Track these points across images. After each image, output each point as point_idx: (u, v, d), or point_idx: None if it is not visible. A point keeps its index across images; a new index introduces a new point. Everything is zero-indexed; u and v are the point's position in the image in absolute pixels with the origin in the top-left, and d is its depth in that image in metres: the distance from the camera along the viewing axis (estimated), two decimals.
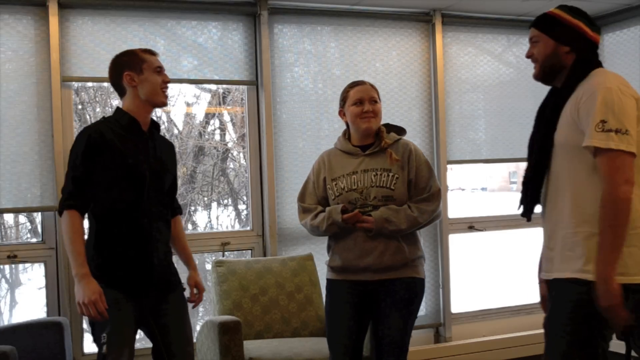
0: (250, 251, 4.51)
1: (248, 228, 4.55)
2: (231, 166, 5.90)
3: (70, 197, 2.66)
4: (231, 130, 5.75)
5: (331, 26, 4.69)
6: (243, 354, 3.48)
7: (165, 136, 3.11)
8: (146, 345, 2.96)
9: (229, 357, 3.43)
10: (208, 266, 5.22)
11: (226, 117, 5.75)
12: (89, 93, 5.02)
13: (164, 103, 2.86)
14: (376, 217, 2.96)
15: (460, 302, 5.03)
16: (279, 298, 4.02)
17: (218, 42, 4.41)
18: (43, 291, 4.07)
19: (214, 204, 5.81)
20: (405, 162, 3.02)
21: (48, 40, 3.96)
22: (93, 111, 5.17)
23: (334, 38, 4.71)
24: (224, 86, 5.12)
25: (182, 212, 3.15)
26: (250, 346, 3.64)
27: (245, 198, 5.10)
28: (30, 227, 5.27)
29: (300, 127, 4.59)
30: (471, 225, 5.05)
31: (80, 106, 4.85)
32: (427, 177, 3.04)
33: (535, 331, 4.75)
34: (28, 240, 5.12)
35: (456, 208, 4.99)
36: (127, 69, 2.79)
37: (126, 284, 2.72)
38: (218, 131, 5.99)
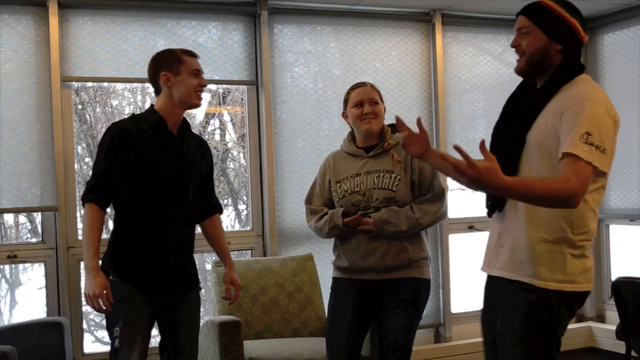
0: (250, 251, 4.51)
1: (248, 228, 4.55)
2: (231, 166, 5.91)
3: (91, 191, 2.73)
4: (231, 130, 5.75)
5: (331, 26, 4.69)
6: (243, 354, 3.48)
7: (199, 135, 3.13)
8: (154, 344, 2.98)
9: (229, 357, 3.44)
10: (208, 266, 5.23)
11: (226, 117, 5.75)
12: (89, 93, 5.02)
13: (197, 105, 2.88)
14: (376, 219, 2.96)
15: (460, 302, 5.02)
16: (279, 298, 4.02)
17: (218, 42, 4.41)
18: (43, 291, 4.07)
19: None
20: (408, 163, 3.02)
21: (48, 40, 3.96)
22: (93, 111, 5.17)
23: (334, 38, 4.71)
24: (224, 86, 5.12)
25: (222, 211, 3.15)
26: (250, 346, 3.64)
27: (245, 198, 5.10)
28: (30, 227, 5.28)
29: (300, 127, 4.59)
30: (471, 225, 5.05)
31: (80, 106, 4.85)
32: (431, 178, 3.04)
33: None
34: (28, 240, 5.12)
35: (456, 208, 4.98)
36: (165, 69, 2.80)
37: (141, 281, 2.75)
38: (218, 131, 5.99)
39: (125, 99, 5.47)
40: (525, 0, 2.35)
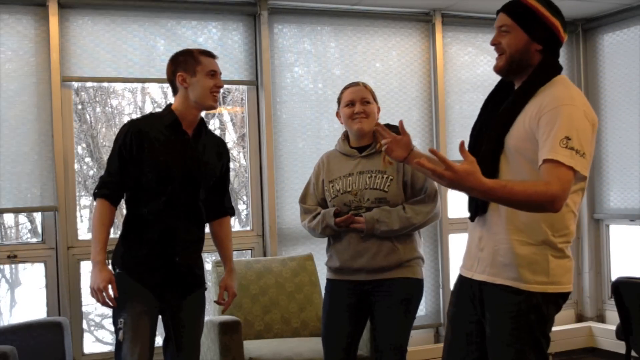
0: (250, 251, 4.51)
1: (248, 228, 4.55)
2: (231, 166, 5.89)
3: (103, 186, 2.77)
4: (231, 130, 5.75)
5: (331, 26, 4.69)
6: (243, 354, 3.48)
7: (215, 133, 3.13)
8: (159, 342, 3.00)
9: (229, 357, 3.44)
10: (208, 266, 5.22)
11: (226, 117, 5.74)
12: (89, 93, 5.02)
13: (213, 107, 2.89)
14: (367, 218, 2.97)
15: None
16: (279, 298, 4.02)
17: (218, 42, 4.41)
18: (43, 291, 4.07)
19: None
20: (400, 164, 2.99)
21: (48, 40, 3.96)
22: (93, 111, 5.16)
23: (334, 38, 4.71)
24: (224, 86, 5.11)
25: (234, 214, 3.15)
26: (250, 346, 3.64)
27: (245, 198, 5.10)
28: (30, 227, 5.27)
29: (300, 127, 4.59)
30: None
31: (80, 106, 4.84)
32: (423, 179, 3.03)
33: None
34: (28, 240, 5.12)
35: (456, 208, 4.98)
36: (181, 70, 2.82)
37: (146, 277, 2.77)
38: (218, 131, 5.98)
39: (125, 99, 5.47)
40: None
